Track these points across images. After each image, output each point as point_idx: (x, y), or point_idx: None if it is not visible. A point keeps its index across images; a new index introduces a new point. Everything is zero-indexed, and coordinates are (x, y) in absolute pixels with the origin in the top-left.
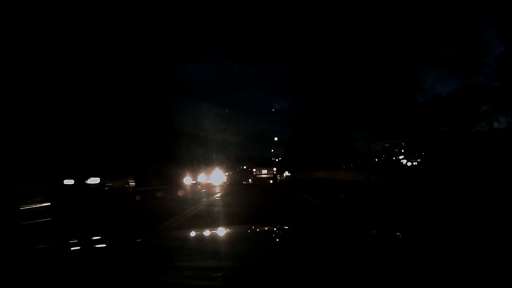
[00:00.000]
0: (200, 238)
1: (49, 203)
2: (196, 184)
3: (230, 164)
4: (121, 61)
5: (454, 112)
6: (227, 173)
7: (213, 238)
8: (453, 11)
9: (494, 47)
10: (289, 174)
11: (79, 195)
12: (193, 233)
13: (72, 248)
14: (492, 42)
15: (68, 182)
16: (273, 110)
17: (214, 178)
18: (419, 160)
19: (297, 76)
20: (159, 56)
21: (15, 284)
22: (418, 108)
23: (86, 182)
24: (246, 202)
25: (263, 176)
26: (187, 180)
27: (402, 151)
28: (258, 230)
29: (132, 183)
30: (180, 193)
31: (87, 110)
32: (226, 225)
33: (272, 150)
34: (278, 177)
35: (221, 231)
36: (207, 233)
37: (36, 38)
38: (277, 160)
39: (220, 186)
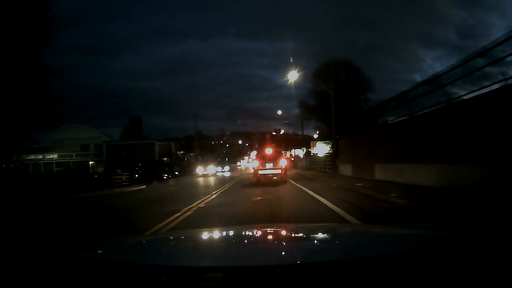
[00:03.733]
0: (201, 239)
1: None
2: None
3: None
4: None
5: None
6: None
7: (215, 239)
8: None
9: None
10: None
11: None
12: (195, 234)
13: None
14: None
15: None
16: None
17: None
18: None
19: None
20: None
21: None
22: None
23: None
24: None
25: (268, 173)
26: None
27: None
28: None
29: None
30: None
31: None
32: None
33: (280, 112)
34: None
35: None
36: (208, 233)
37: None
38: (281, 132)
39: None
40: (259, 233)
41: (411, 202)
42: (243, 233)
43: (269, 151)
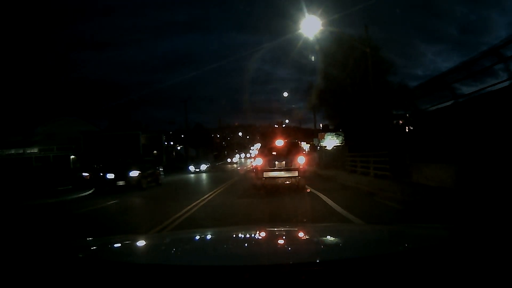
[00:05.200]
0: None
1: None
2: None
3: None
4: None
5: None
6: None
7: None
8: None
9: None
10: None
11: None
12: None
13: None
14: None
15: None
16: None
17: None
18: None
19: None
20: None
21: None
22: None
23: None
24: None
25: (278, 176)
26: None
27: None
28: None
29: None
30: None
31: None
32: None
33: (286, 94)
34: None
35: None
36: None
37: None
38: (283, 125)
39: None
40: (266, 233)
41: None
42: (251, 233)
43: (279, 142)
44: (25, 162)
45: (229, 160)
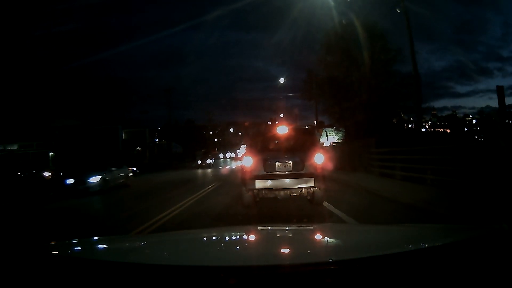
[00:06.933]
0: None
1: None
2: None
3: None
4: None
5: None
6: None
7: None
8: None
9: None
10: None
11: None
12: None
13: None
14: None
15: None
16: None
17: None
18: None
19: None
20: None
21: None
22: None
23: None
24: None
25: (280, 186)
26: None
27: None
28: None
29: None
30: None
31: None
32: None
33: (282, 80)
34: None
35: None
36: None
37: None
38: (276, 122)
39: None
40: (264, 233)
41: None
42: (247, 233)
43: (282, 130)
44: (4, 159)
45: (199, 162)
